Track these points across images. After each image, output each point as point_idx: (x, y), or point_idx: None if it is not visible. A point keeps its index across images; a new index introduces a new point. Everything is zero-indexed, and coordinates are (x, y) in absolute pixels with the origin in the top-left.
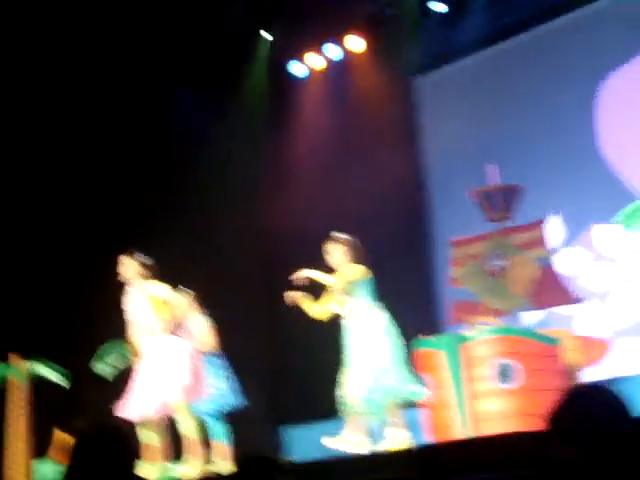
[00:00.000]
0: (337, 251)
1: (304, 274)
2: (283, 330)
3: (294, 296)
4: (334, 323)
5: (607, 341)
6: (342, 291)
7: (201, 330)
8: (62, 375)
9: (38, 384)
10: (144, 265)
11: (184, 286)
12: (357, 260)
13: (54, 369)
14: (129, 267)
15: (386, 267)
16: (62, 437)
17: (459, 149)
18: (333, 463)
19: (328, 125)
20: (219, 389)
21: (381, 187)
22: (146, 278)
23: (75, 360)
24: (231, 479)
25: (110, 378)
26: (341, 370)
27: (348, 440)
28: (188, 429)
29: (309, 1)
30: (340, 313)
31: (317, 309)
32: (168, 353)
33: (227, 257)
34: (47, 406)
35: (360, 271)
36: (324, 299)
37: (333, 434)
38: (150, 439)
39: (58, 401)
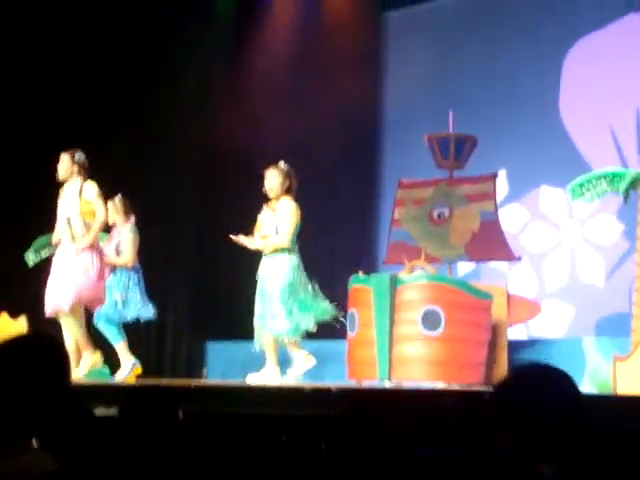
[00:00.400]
0: (275, 179)
1: (243, 242)
2: (212, 249)
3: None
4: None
5: (537, 302)
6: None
7: (123, 240)
8: None
9: None
10: (81, 164)
11: (120, 193)
12: (291, 192)
13: None
14: (66, 164)
15: (334, 198)
16: None
17: (419, 91)
18: (245, 391)
19: (291, 47)
20: (126, 299)
21: (337, 118)
22: (82, 177)
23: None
24: (121, 401)
25: (31, 265)
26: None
27: (267, 374)
28: (73, 332)
29: None
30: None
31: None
32: (77, 257)
33: (168, 169)
34: None
35: (296, 221)
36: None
37: (253, 356)
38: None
39: None
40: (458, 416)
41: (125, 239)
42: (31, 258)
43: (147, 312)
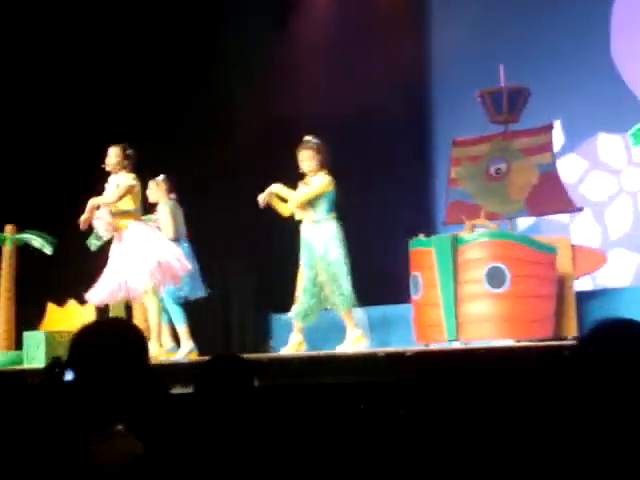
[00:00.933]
0: (305, 156)
1: (271, 189)
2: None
3: (266, 198)
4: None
5: (603, 252)
6: (305, 202)
7: (162, 217)
8: (51, 245)
9: (30, 254)
10: (131, 158)
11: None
12: (324, 165)
13: (46, 239)
14: (116, 157)
15: (388, 163)
16: (54, 309)
17: (468, 46)
18: (318, 361)
19: (337, 10)
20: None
21: (386, 78)
22: (125, 168)
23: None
24: (196, 375)
25: (93, 249)
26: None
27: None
28: (152, 313)
29: None
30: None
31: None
32: (134, 240)
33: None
34: (38, 279)
35: (324, 186)
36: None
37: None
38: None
39: (50, 274)
40: (536, 372)
41: (163, 215)
42: (94, 243)
43: (199, 291)
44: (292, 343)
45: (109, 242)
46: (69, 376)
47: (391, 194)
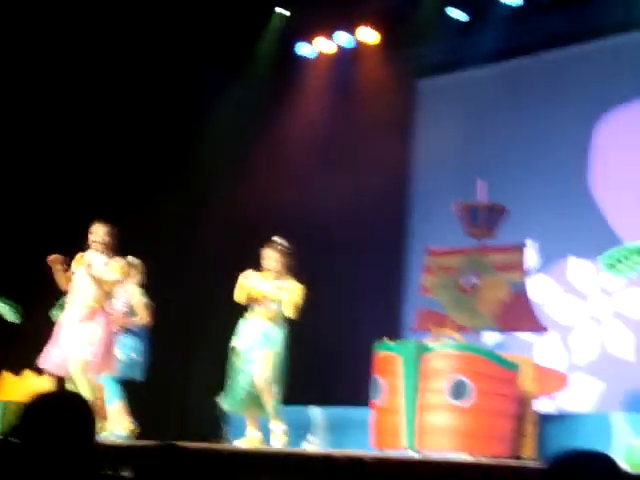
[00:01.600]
0: (271, 256)
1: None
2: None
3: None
4: None
5: (565, 375)
6: (273, 300)
7: (136, 303)
8: (16, 312)
9: None
10: (114, 237)
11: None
12: (290, 268)
13: (11, 306)
14: (100, 234)
15: (360, 264)
16: (9, 378)
17: (449, 159)
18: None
19: (324, 110)
20: (128, 359)
21: (365, 182)
22: (111, 249)
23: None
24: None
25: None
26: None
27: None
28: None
29: None
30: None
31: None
32: (88, 323)
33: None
34: None
35: (300, 295)
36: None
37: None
38: None
39: (8, 341)
40: None
41: (137, 298)
42: (55, 314)
43: (138, 375)
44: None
45: None
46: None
47: (361, 294)
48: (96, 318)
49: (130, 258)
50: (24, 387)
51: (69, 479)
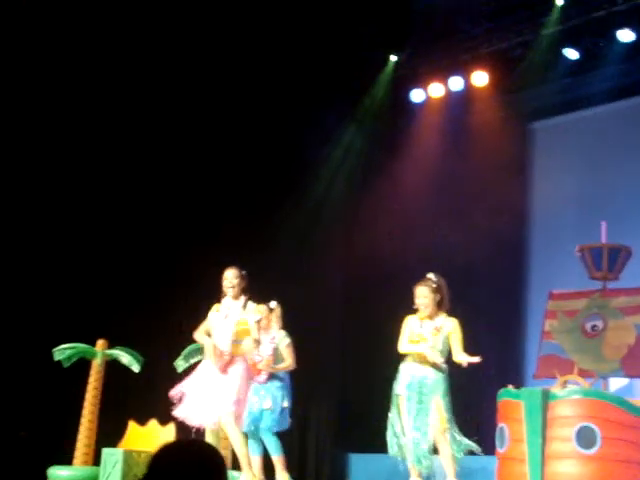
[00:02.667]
0: (426, 295)
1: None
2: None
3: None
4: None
5: None
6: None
7: (282, 346)
8: (138, 362)
9: (116, 371)
10: (246, 281)
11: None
12: (443, 305)
13: (134, 357)
14: (234, 280)
15: (480, 310)
16: (135, 429)
17: (569, 201)
18: None
19: (437, 155)
20: (280, 409)
21: (483, 228)
22: (245, 295)
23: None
24: None
25: (179, 371)
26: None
27: None
28: (236, 443)
29: (440, 29)
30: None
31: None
32: (226, 376)
33: (316, 282)
34: (122, 395)
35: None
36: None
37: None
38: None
39: (134, 392)
40: None
41: (285, 345)
42: (180, 364)
43: (285, 424)
44: None
45: (196, 365)
46: None
47: (482, 340)
48: (237, 367)
49: (271, 303)
50: (149, 437)
51: None
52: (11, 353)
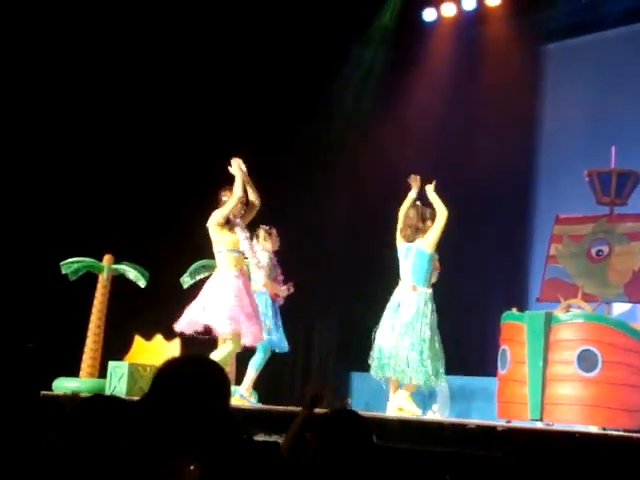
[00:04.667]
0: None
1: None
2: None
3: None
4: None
5: None
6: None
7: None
8: (144, 278)
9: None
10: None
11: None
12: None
13: (140, 272)
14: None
15: (486, 233)
16: (141, 343)
17: (579, 125)
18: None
19: (447, 74)
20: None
21: (492, 150)
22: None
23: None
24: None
25: (185, 287)
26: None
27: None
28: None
29: None
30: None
31: None
32: (232, 288)
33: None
34: (128, 310)
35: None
36: None
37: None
38: None
39: (140, 307)
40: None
41: (265, 262)
42: (186, 281)
43: (283, 344)
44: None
45: (201, 281)
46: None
47: (488, 263)
48: (242, 283)
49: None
50: (154, 352)
51: (206, 442)
52: (20, 267)
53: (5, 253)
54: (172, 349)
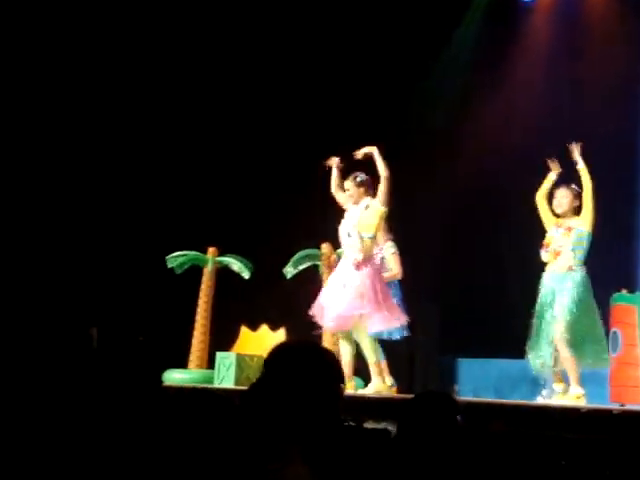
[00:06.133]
0: (565, 198)
1: None
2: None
3: None
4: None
5: None
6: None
7: (387, 255)
8: (248, 269)
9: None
10: (365, 184)
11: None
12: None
13: (244, 264)
14: (352, 190)
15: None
16: (247, 334)
17: None
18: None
19: (548, 54)
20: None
21: (597, 125)
22: (369, 196)
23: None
24: (408, 409)
25: (288, 277)
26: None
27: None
28: (367, 350)
29: None
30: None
31: None
32: (360, 276)
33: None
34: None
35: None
36: None
37: (507, 373)
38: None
39: (245, 298)
40: None
41: (389, 254)
42: (289, 271)
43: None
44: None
45: (304, 271)
46: None
47: (601, 245)
48: (364, 270)
49: None
50: (260, 342)
51: (313, 429)
52: (128, 263)
53: (114, 251)
54: (277, 339)
